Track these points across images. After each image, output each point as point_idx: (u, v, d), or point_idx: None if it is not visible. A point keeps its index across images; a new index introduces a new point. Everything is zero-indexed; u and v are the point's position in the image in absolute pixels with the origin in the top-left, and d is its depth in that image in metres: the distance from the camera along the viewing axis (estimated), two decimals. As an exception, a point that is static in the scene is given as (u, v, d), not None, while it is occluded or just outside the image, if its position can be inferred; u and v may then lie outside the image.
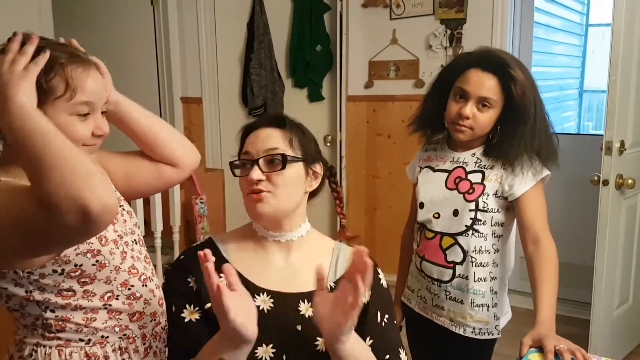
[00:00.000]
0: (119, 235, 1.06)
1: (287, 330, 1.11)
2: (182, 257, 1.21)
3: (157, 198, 2.52)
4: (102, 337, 1.03)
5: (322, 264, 1.05)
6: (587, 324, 2.66)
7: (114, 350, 1.04)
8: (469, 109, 1.51)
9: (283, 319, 1.12)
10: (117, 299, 1.04)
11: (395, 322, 1.26)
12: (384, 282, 1.26)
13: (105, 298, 1.03)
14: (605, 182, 2.49)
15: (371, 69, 3.61)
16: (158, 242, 2.56)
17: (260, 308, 1.12)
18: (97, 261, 1.00)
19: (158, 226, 2.54)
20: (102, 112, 1.04)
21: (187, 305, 1.12)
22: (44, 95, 0.94)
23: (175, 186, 2.61)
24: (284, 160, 1.12)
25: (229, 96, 3.97)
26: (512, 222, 1.61)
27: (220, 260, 1.17)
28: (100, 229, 0.86)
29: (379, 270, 1.27)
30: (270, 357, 1.08)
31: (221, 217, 3.13)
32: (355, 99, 3.68)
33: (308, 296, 1.14)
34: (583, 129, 5.70)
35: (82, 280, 1.00)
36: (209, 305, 1.11)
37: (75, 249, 0.98)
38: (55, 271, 0.98)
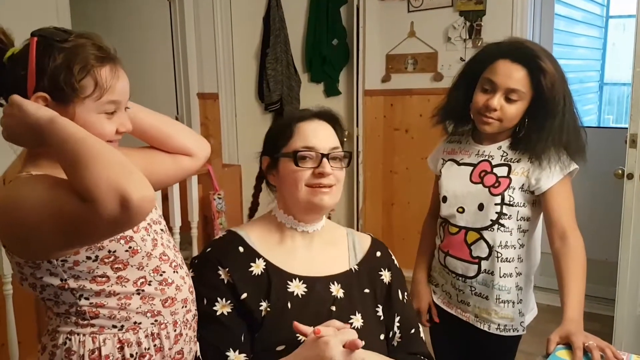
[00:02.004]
0: (148, 224, 1.08)
1: (322, 312, 1.18)
2: (209, 249, 1.24)
3: (175, 194, 2.52)
4: (135, 322, 1.04)
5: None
6: (610, 320, 2.61)
7: (146, 336, 1.05)
8: (497, 100, 1.48)
9: (318, 301, 1.19)
10: (149, 284, 1.05)
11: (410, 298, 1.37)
12: (396, 262, 1.36)
13: (139, 284, 1.04)
14: (630, 176, 2.44)
15: (388, 62, 3.57)
16: (177, 238, 2.56)
17: (295, 294, 1.18)
18: (130, 247, 1.02)
19: (176, 222, 2.55)
20: (125, 108, 1.06)
21: (219, 299, 1.15)
22: (74, 94, 0.97)
23: (193, 182, 2.61)
24: (350, 159, 1.24)
25: (245, 92, 3.96)
26: (538, 216, 1.58)
27: (247, 249, 1.22)
28: (140, 219, 0.89)
29: (391, 252, 1.37)
30: None
31: (239, 213, 3.12)
32: (373, 93, 3.66)
33: (337, 278, 1.24)
34: (603, 122, 5.61)
35: (116, 266, 1.01)
36: (244, 296, 1.15)
37: None
38: (89, 258, 0.99)
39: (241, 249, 1.20)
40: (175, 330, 1.08)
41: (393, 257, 1.36)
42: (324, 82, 3.86)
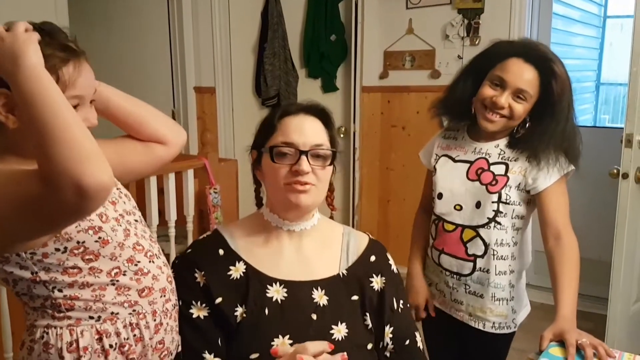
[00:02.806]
0: (120, 215, 1.07)
1: (302, 319, 1.11)
2: (189, 250, 1.20)
3: (171, 188, 2.52)
4: (112, 313, 1.03)
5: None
6: (603, 319, 2.63)
7: (124, 326, 1.03)
8: (505, 99, 1.47)
9: (298, 308, 1.12)
10: (124, 274, 1.04)
11: (408, 305, 1.29)
12: (394, 267, 1.27)
13: (113, 274, 1.03)
14: (625, 176, 2.45)
15: (386, 59, 3.57)
16: (172, 232, 2.56)
17: (274, 299, 1.12)
18: (99, 237, 1.01)
19: (172, 216, 2.54)
20: (91, 102, 1.03)
21: (194, 302, 1.12)
22: None
23: (189, 176, 2.61)
24: (333, 158, 1.15)
25: (242, 86, 3.95)
26: (531, 215, 1.58)
27: (228, 252, 1.17)
28: (96, 207, 0.89)
29: (389, 256, 1.28)
30: None
31: (234, 207, 3.12)
32: (370, 90, 3.65)
33: (321, 284, 1.16)
34: (599, 121, 5.62)
35: (87, 257, 1.00)
36: (219, 300, 1.11)
37: (76, 226, 0.98)
38: (57, 249, 0.98)
39: (221, 251, 1.16)
40: (155, 320, 1.07)
41: (391, 261, 1.27)
42: (321, 77, 3.85)
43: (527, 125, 1.51)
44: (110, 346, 1.02)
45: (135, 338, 1.05)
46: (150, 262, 1.08)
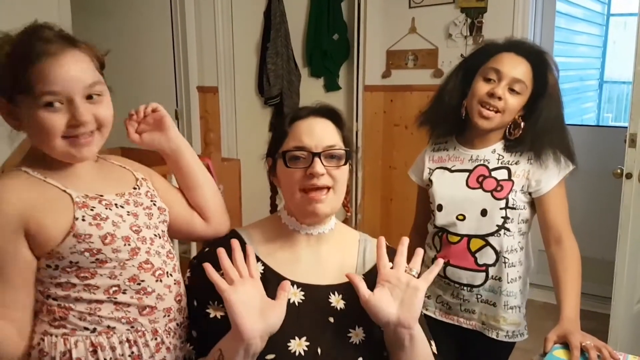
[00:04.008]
0: (134, 231, 1.04)
1: (319, 322, 1.10)
2: (206, 249, 1.19)
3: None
4: (109, 327, 1.00)
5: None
6: (606, 318, 2.62)
7: (120, 342, 1.01)
8: (502, 89, 1.44)
9: (315, 311, 1.11)
10: (124, 292, 1.01)
11: (423, 313, 1.26)
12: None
13: (111, 292, 1.00)
14: (629, 176, 2.44)
15: (389, 58, 3.56)
16: (175, 232, 2.56)
17: (292, 301, 1.11)
18: (96, 259, 0.99)
19: (175, 215, 2.54)
20: (91, 97, 0.99)
21: (211, 302, 1.11)
22: (17, 90, 0.95)
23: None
24: (348, 157, 1.14)
25: (245, 85, 3.95)
26: (533, 217, 1.56)
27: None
28: None
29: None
30: (304, 350, 1.06)
31: (237, 207, 3.12)
32: (373, 89, 3.65)
33: (338, 288, 1.14)
34: (603, 120, 5.61)
35: (82, 275, 0.98)
36: None
37: (71, 248, 0.97)
38: (48, 266, 0.98)
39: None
40: (155, 339, 1.04)
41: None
42: (324, 76, 3.85)
43: (522, 125, 1.49)
44: None
45: (133, 356, 1.02)
46: (157, 281, 1.06)
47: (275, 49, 3.79)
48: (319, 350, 1.07)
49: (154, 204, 1.12)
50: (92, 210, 1.00)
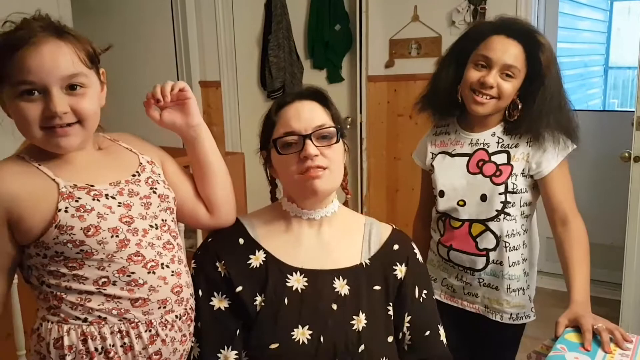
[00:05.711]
0: (125, 222, 1.02)
1: (322, 309, 1.10)
2: (210, 239, 1.19)
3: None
4: (100, 317, 1.00)
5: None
6: (617, 304, 2.61)
7: (112, 333, 1.00)
8: (493, 77, 1.42)
9: (318, 297, 1.11)
10: (114, 284, 1.00)
11: (433, 297, 1.25)
12: (419, 256, 1.24)
13: (100, 283, 0.99)
14: (637, 159, 2.42)
15: (392, 47, 3.53)
16: (181, 226, 2.55)
17: (295, 288, 1.10)
18: (81, 250, 0.98)
19: (180, 210, 2.54)
20: (73, 88, 0.98)
21: (216, 293, 1.11)
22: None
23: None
24: (339, 134, 1.13)
25: (247, 79, 3.93)
26: (537, 199, 1.55)
27: (248, 241, 1.16)
28: None
29: (414, 245, 1.25)
30: (307, 339, 1.06)
31: (242, 200, 3.11)
32: (376, 79, 3.62)
33: (343, 273, 1.14)
34: (608, 106, 5.57)
35: (70, 265, 0.98)
36: (239, 289, 1.10)
37: (54, 239, 0.96)
38: (38, 254, 0.98)
39: (241, 240, 1.16)
40: (150, 331, 1.03)
41: (416, 250, 1.24)
42: (326, 68, 3.82)
43: (520, 106, 1.46)
44: (96, 349, 0.99)
45: (125, 347, 1.01)
46: (149, 273, 1.03)
47: (276, 41, 3.76)
48: (321, 339, 1.07)
49: (154, 192, 1.09)
50: (76, 201, 0.98)
